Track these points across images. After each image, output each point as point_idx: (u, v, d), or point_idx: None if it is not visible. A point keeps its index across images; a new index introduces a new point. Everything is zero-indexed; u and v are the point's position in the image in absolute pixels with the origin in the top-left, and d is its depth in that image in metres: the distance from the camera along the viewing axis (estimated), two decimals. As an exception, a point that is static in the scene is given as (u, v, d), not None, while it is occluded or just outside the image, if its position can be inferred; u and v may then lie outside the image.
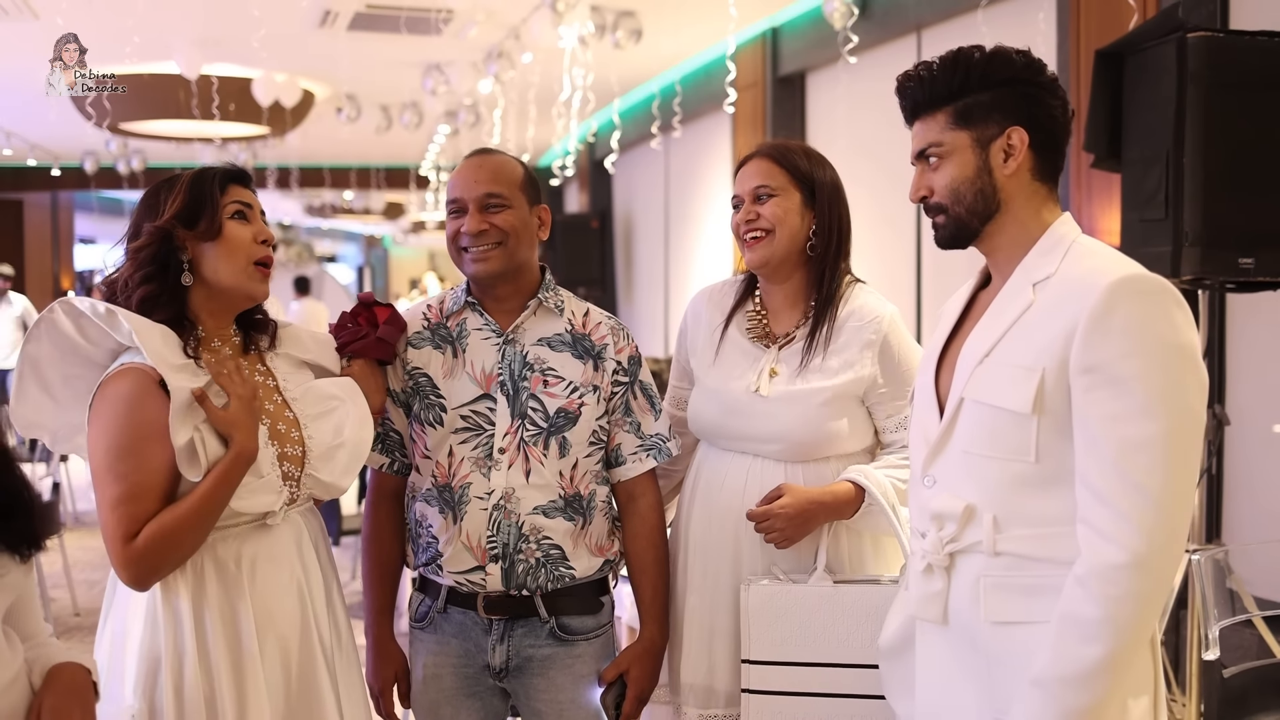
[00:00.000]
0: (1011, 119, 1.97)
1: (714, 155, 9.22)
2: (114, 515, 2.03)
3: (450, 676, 2.53)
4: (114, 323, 2.09)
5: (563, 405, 2.49)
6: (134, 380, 2.07)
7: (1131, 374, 1.79)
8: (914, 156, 2.06)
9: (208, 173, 2.24)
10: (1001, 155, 1.97)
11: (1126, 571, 1.76)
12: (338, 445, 2.28)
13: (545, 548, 2.46)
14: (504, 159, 2.55)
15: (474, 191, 2.47)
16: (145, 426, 2.05)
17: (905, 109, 2.07)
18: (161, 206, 2.19)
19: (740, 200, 2.63)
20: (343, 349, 2.47)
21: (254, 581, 2.16)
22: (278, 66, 8.99)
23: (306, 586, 2.25)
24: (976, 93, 1.97)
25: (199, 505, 2.06)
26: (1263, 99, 3.65)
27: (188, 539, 2.07)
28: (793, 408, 2.54)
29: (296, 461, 2.23)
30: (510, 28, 7.53)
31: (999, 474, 1.92)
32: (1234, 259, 3.64)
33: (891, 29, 6.44)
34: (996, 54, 1.98)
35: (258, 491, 2.15)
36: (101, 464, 2.05)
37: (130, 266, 2.18)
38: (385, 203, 18.83)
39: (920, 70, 2.03)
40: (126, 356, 2.11)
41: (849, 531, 2.58)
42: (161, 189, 2.23)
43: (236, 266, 2.22)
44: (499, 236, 2.46)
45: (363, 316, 2.50)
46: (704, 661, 2.60)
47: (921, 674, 2.07)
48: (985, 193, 1.98)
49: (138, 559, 2.03)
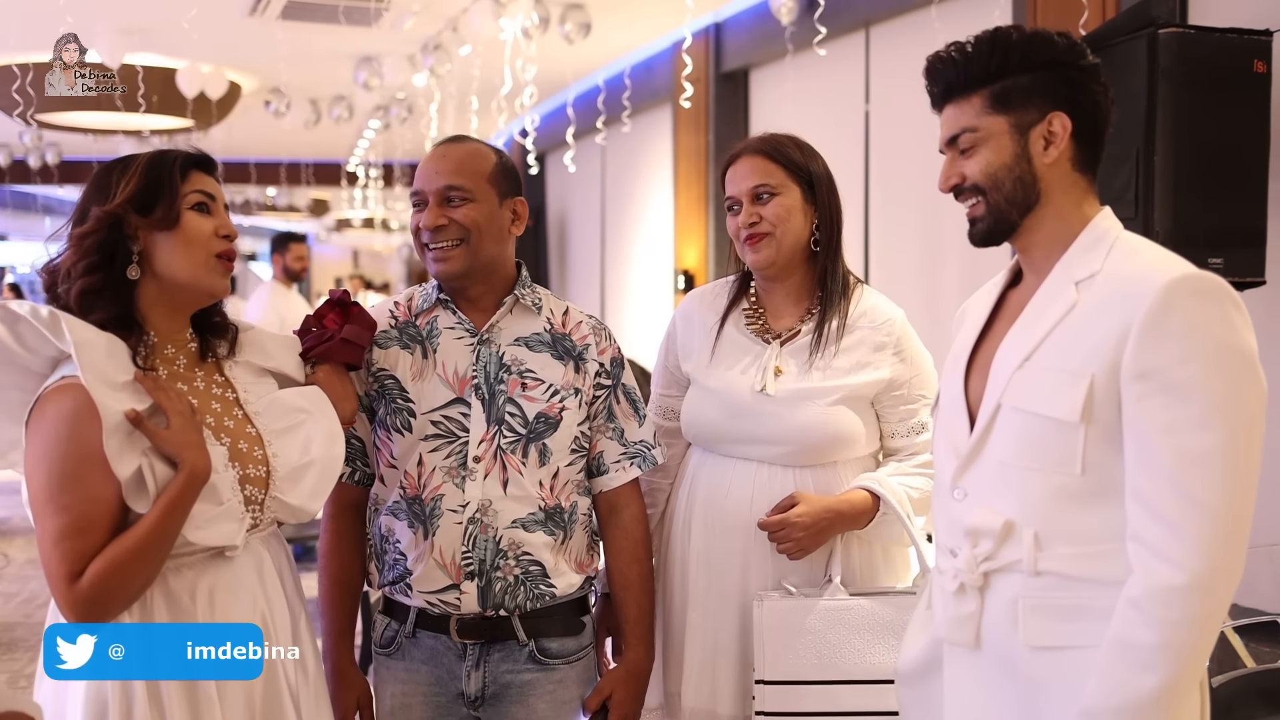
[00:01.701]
0: (1053, 104, 1.84)
1: (654, 152, 9.09)
2: (56, 551, 1.82)
3: (420, 707, 2.35)
4: (57, 329, 1.87)
5: (543, 409, 2.33)
6: (74, 398, 1.85)
7: (1190, 380, 1.67)
8: (944, 143, 1.92)
9: (168, 155, 2.03)
10: (1042, 142, 1.85)
11: (1185, 594, 1.64)
12: (306, 464, 2.07)
13: (525, 564, 2.30)
14: (473, 148, 2.37)
15: (434, 183, 2.31)
16: (89, 451, 1.83)
17: (935, 93, 1.93)
18: (113, 189, 1.97)
19: (736, 202, 2.49)
20: (306, 354, 2.26)
21: (211, 615, 1.96)
22: (205, 56, 8.71)
23: (271, 620, 2.04)
24: (1016, 75, 1.84)
25: (148, 536, 1.85)
26: (1231, 96, 3.62)
27: (138, 574, 1.86)
28: (802, 407, 2.41)
29: (260, 483, 2.02)
30: (449, 19, 7.35)
31: (1041, 487, 1.79)
32: (1203, 258, 3.59)
33: (839, 25, 6.34)
34: (1037, 35, 1.86)
35: (217, 520, 1.94)
36: (41, 493, 1.84)
37: (73, 254, 1.96)
38: (310, 199, 18.52)
39: (953, 50, 1.89)
40: (69, 367, 1.89)
41: (860, 541, 2.47)
42: (114, 169, 2.01)
43: (194, 260, 2.01)
44: (459, 233, 2.29)
45: (329, 318, 2.29)
46: (707, 683, 2.46)
47: (951, 702, 1.94)
48: (1025, 181, 1.85)
49: (84, 599, 1.82)
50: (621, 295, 10.13)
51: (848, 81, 6.58)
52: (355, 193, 14.55)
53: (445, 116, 8.98)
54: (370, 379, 2.37)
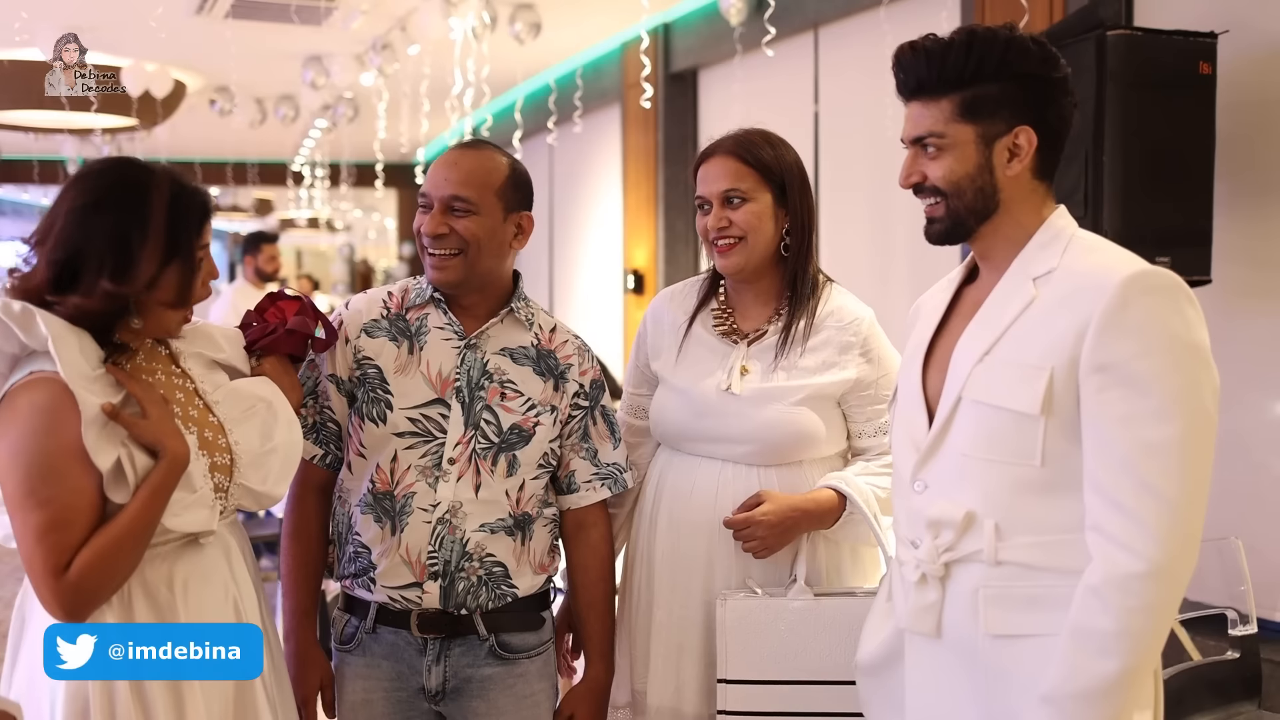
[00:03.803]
0: (1021, 118, 1.85)
1: (602, 153, 9.09)
2: (41, 546, 1.82)
3: (382, 702, 2.35)
4: (29, 325, 1.85)
5: (518, 421, 2.33)
6: (49, 392, 1.84)
7: (1147, 374, 1.71)
8: (908, 139, 1.93)
9: (186, 210, 1.97)
10: (1006, 154, 1.86)
11: (1144, 581, 1.68)
12: (269, 450, 2.09)
13: (489, 565, 2.31)
14: (485, 157, 2.34)
15: (441, 190, 2.30)
16: (67, 445, 1.83)
17: (905, 84, 1.92)
18: (134, 263, 1.90)
19: (706, 203, 2.48)
20: (251, 346, 2.26)
21: (187, 602, 1.97)
22: (150, 55, 8.61)
23: (241, 603, 2.07)
24: (987, 83, 1.84)
25: (133, 525, 1.86)
26: (1178, 98, 3.68)
27: (124, 563, 1.87)
28: (767, 406, 2.42)
29: (225, 471, 2.03)
30: (397, 19, 7.31)
31: (1001, 478, 1.81)
32: (1151, 257, 3.58)
33: (788, 25, 6.37)
34: (1014, 42, 1.85)
35: (192, 507, 1.95)
36: (19, 488, 1.83)
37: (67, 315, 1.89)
38: (255, 199, 18.35)
39: (928, 43, 1.89)
40: (34, 363, 1.87)
41: (826, 541, 2.47)
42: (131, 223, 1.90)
43: (180, 321, 2.05)
44: (459, 244, 2.29)
45: (269, 311, 2.30)
46: (671, 681, 2.47)
47: (913, 691, 1.96)
48: (985, 191, 1.87)
49: (73, 591, 1.83)
50: (570, 294, 10.11)
51: (797, 82, 6.61)
52: (301, 192, 14.42)
53: (396, 116, 8.93)
54: (354, 365, 2.37)
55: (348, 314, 2.42)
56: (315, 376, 2.40)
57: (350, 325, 2.39)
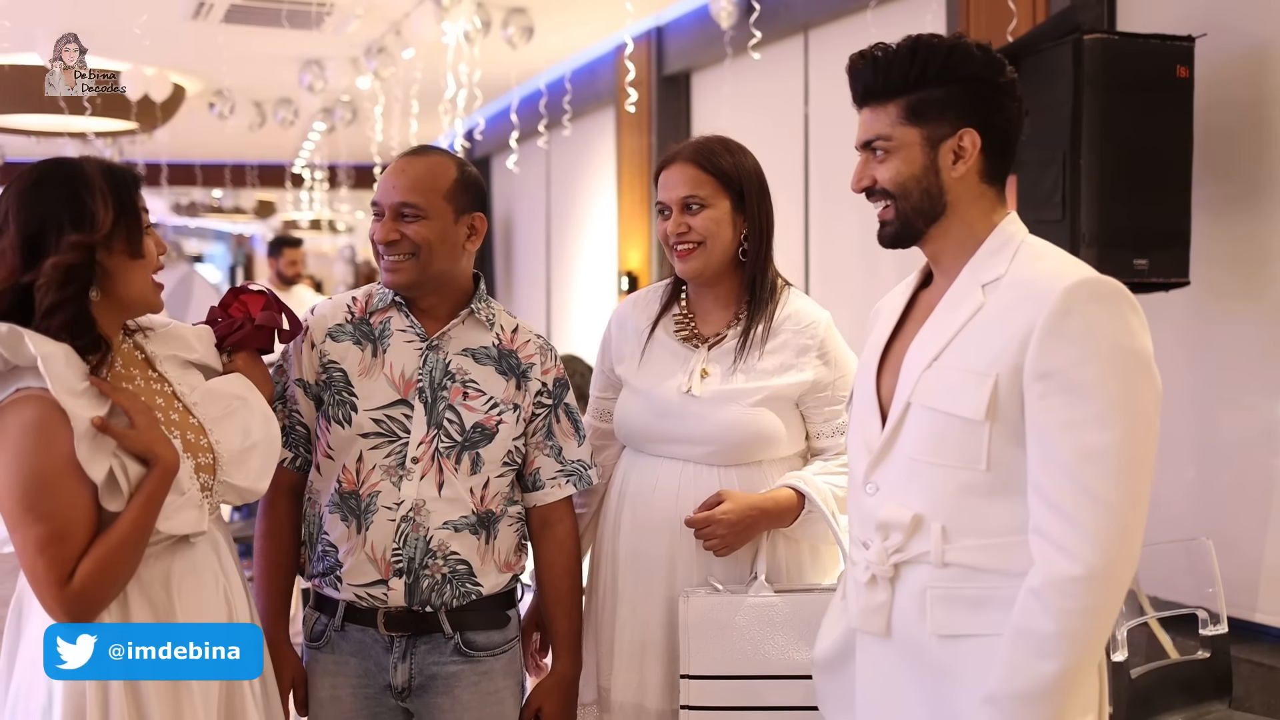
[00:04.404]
0: (965, 120, 1.89)
1: (598, 155, 9.13)
2: (43, 559, 1.88)
3: (350, 699, 2.40)
4: (16, 345, 1.89)
5: (480, 420, 2.38)
6: (37, 409, 1.89)
7: (1088, 380, 1.74)
8: (859, 144, 1.97)
9: (120, 173, 2.04)
10: (951, 156, 1.90)
11: (1082, 584, 1.71)
12: (249, 447, 2.15)
13: (452, 563, 2.36)
14: (433, 163, 2.39)
15: (390, 198, 2.35)
16: (60, 459, 1.88)
17: (855, 91, 1.97)
18: (92, 214, 1.96)
19: (666, 208, 2.54)
20: (222, 343, 2.32)
21: (183, 599, 2.04)
22: (148, 59, 8.66)
23: (231, 595, 2.14)
24: (932, 87, 1.89)
25: (131, 531, 1.92)
26: (1155, 101, 3.71)
27: (124, 568, 1.94)
28: (726, 408, 2.47)
29: (209, 470, 2.09)
30: (392, 23, 7.36)
31: (948, 482, 1.85)
32: (1129, 260, 3.68)
33: (779, 28, 6.41)
34: (957, 47, 1.90)
35: (182, 509, 2.01)
36: (17, 505, 1.88)
37: (49, 285, 1.93)
38: (257, 201, 18.39)
39: (876, 52, 1.93)
40: (19, 380, 1.91)
41: (786, 539, 2.52)
42: (79, 187, 1.97)
43: (147, 281, 2.07)
44: (410, 248, 2.34)
45: (233, 307, 2.35)
46: (634, 678, 2.52)
47: (863, 689, 2.00)
48: (932, 193, 1.91)
49: (77, 599, 1.89)
50: (567, 296, 10.16)
51: (787, 84, 6.64)
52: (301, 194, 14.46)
53: (390, 119, 8.98)
54: (320, 370, 2.42)
55: (313, 319, 2.47)
56: (284, 381, 2.45)
57: (315, 330, 2.44)
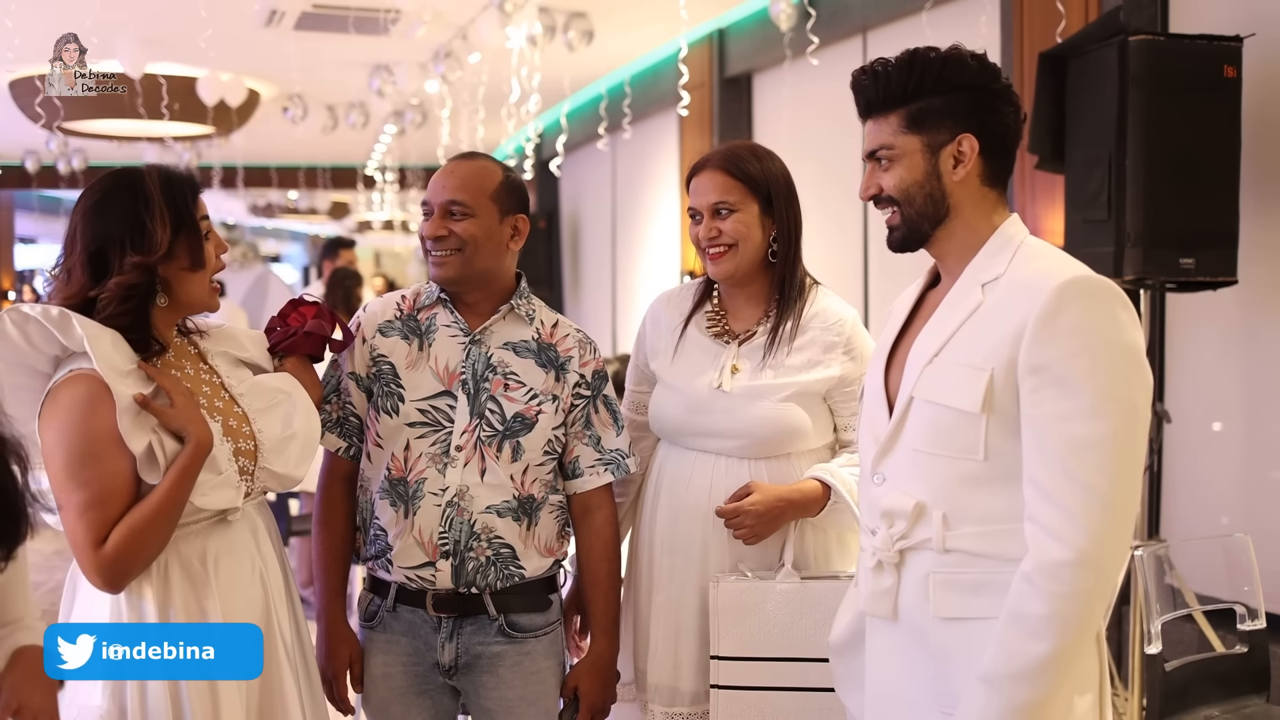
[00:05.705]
0: (963, 125, 1.98)
1: (661, 156, 9.22)
2: (81, 522, 2.03)
3: (400, 675, 2.53)
4: (67, 328, 2.07)
5: (520, 410, 2.51)
6: (86, 386, 2.06)
7: (1078, 374, 1.82)
8: (865, 155, 2.07)
9: (178, 186, 2.20)
10: (951, 161, 1.99)
11: (1072, 569, 1.79)
12: (289, 437, 2.29)
13: (496, 546, 2.48)
14: (479, 166, 2.55)
15: (439, 197, 2.50)
16: (104, 431, 2.04)
17: (859, 105, 2.08)
18: (151, 235, 2.13)
19: (698, 214, 2.65)
20: (274, 349, 2.48)
21: (219, 576, 2.17)
22: (223, 66, 8.90)
23: (267, 574, 2.27)
24: (930, 97, 1.98)
25: (163, 503, 2.06)
26: (1202, 101, 3.72)
27: (156, 537, 2.07)
28: (755, 403, 2.57)
29: (249, 455, 2.23)
30: (458, 28, 7.50)
31: (948, 472, 1.94)
32: (1175, 259, 3.70)
33: (838, 30, 6.47)
34: (951, 58, 1.99)
35: (219, 487, 2.16)
36: (62, 471, 2.04)
37: (111, 299, 2.11)
38: (331, 202, 18.68)
39: (876, 67, 2.03)
40: (73, 363, 2.09)
41: (814, 529, 2.62)
42: (139, 207, 2.14)
43: (205, 285, 2.24)
44: (457, 244, 2.48)
45: (292, 317, 2.51)
46: (669, 660, 2.64)
47: (871, 670, 2.10)
48: (934, 197, 2.00)
49: (110, 563, 2.03)
50: (631, 295, 10.25)
51: (847, 85, 6.67)
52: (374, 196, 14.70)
53: (457, 122, 9.13)
54: (370, 363, 2.56)
55: (365, 316, 2.62)
56: (338, 375, 2.60)
57: (367, 326, 2.59)
